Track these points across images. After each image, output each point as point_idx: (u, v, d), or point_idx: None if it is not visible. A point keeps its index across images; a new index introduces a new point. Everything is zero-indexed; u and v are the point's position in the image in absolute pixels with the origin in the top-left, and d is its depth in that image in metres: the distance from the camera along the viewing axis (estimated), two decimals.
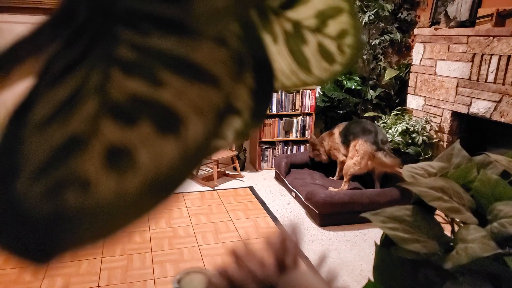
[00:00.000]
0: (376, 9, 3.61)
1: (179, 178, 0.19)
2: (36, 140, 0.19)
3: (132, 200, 0.19)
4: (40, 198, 0.18)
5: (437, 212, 1.01)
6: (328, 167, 3.51)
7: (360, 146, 3.02)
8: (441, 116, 3.29)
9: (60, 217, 0.18)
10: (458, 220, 0.90)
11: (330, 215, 2.79)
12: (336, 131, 3.32)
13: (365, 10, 3.65)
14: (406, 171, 1.06)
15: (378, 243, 1.01)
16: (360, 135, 3.06)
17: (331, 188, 3.13)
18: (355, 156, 3.04)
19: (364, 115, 3.79)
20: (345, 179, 3.09)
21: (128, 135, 0.19)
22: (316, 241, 2.64)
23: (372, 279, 0.97)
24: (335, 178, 3.39)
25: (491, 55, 2.79)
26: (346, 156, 3.23)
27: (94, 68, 0.20)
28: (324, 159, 3.43)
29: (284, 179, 3.41)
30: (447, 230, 0.97)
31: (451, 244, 0.89)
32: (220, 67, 0.20)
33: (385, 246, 0.96)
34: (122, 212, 0.19)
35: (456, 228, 0.95)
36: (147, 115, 0.19)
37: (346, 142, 3.20)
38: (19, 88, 0.21)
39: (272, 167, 3.92)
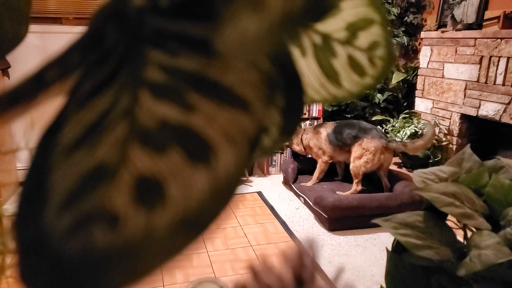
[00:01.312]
0: None
1: (210, 214, 0.18)
2: (64, 165, 0.18)
3: (162, 239, 0.17)
4: (68, 232, 0.17)
5: (449, 217, 1.01)
6: (334, 170, 3.49)
7: (368, 144, 3.01)
8: (450, 119, 3.27)
9: (89, 256, 0.17)
10: (470, 226, 0.90)
11: (339, 219, 2.78)
12: (323, 131, 3.28)
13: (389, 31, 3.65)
14: (417, 176, 1.06)
15: (389, 248, 1.01)
16: (362, 135, 3.06)
17: (339, 192, 3.12)
18: (364, 155, 3.03)
19: (372, 119, 3.77)
20: (356, 180, 3.08)
21: (157, 163, 0.18)
22: (326, 246, 2.63)
23: (384, 285, 0.97)
24: (313, 181, 3.37)
25: (499, 57, 2.77)
26: (330, 157, 3.26)
27: (122, 90, 0.19)
28: (298, 150, 3.46)
29: (292, 185, 3.41)
30: (460, 236, 0.97)
31: (464, 250, 0.89)
32: (251, 91, 0.19)
33: (397, 252, 0.96)
34: (151, 252, 0.17)
35: (469, 234, 0.94)
36: (177, 141, 0.18)
37: (339, 145, 3.17)
38: (48, 111, 0.21)
39: (280, 172, 3.92)
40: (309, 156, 3.52)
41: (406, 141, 3.04)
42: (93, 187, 0.18)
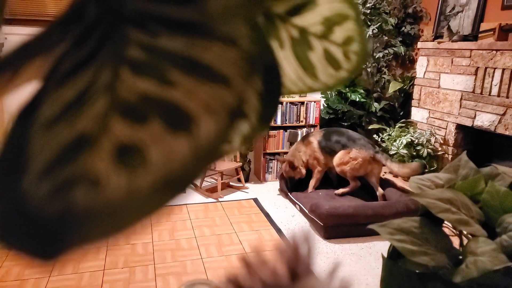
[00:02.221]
0: (379, 23, 3.65)
1: (191, 175, 0.19)
2: (43, 138, 0.19)
3: (144, 197, 0.19)
4: (48, 196, 0.18)
5: (445, 224, 1.00)
6: (329, 178, 3.49)
7: (357, 154, 3.07)
8: (446, 128, 3.28)
9: (69, 214, 0.18)
10: (466, 232, 0.89)
11: (335, 227, 2.77)
12: (314, 139, 3.28)
13: (369, 23, 3.69)
14: (413, 182, 1.05)
15: (385, 255, 1.00)
16: (351, 144, 3.11)
17: (338, 191, 3.18)
18: (350, 163, 3.08)
19: (369, 127, 3.79)
20: (350, 180, 3.16)
21: (138, 133, 0.19)
22: (321, 254, 2.61)
23: None
24: (310, 190, 3.36)
25: (494, 68, 2.80)
26: (325, 165, 3.27)
27: (103, 67, 0.20)
28: (303, 173, 3.31)
29: (288, 193, 3.39)
30: (455, 243, 0.96)
31: (460, 257, 0.88)
32: (231, 67, 0.20)
33: (393, 259, 0.95)
34: (133, 209, 0.19)
35: (465, 241, 0.94)
36: (158, 113, 0.19)
37: (329, 152, 3.21)
38: (26, 90, 0.21)
39: (276, 178, 3.91)
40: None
41: (393, 162, 3.08)
42: (73, 156, 0.19)
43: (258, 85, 0.23)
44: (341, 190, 3.18)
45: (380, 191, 3.15)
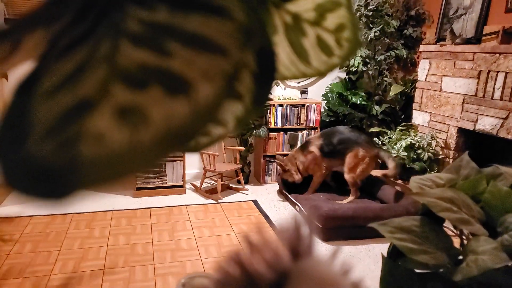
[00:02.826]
0: (381, 26, 3.65)
1: (192, 131, 0.21)
2: (44, 105, 0.20)
3: (145, 149, 0.20)
4: (51, 152, 0.20)
5: (445, 224, 0.99)
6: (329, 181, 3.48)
7: (363, 153, 3.06)
8: (447, 132, 3.28)
9: (75, 164, 0.20)
10: (467, 232, 0.88)
11: (334, 229, 2.75)
12: (314, 147, 3.24)
13: (371, 26, 3.70)
14: (414, 182, 1.05)
15: (385, 256, 0.99)
16: (355, 144, 3.09)
17: (339, 202, 3.12)
18: (360, 165, 3.05)
19: (370, 130, 3.78)
20: (354, 188, 3.13)
21: (139, 97, 0.20)
22: (320, 256, 2.60)
23: None
24: (309, 193, 3.32)
25: (497, 72, 2.79)
26: (327, 168, 3.23)
27: (102, 40, 0.21)
28: (298, 178, 3.30)
29: (287, 194, 3.38)
30: (456, 243, 0.95)
31: (460, 257, 0.87)
32: (228, 38, 0.21)
33: (392, 258, 0.94)
34: (136, 159, 0.20)
35: (466, 241, 0.93)
36: (157, 80, 0.20)
37: (333, 155, 3.17)
38: (26, 65, 0.22)
39: (276, 181, 3.90)
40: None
41: (393, 161, 3.06)
42: (76, 118, 0.20)
43: (252, 65, 0.24)
44: (345, 201, 3.15)
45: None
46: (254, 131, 3.64)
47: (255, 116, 0.27)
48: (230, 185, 3.80)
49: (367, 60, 3.76)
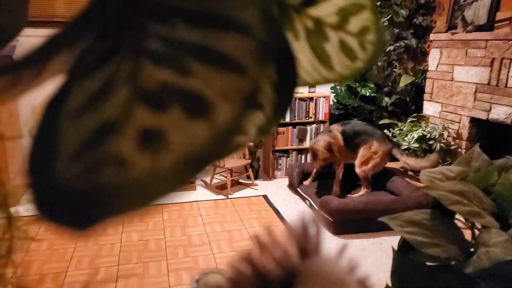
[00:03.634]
0: (390, 15, 3.59)
1: (211, 156, 0.21)
2: (71, 126, 0.20)
3: (166, 175, 0.20)
4: (78, 176, 0.20)
5: (456, 217, 0.98)
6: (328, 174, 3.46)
7: (378, 147, 3.01)
8: (459, 122, 3.22)
9: (99, 191, 0.20)
10: (478, 224, 0.87)
11: (345, 223, 2.75)
12: (337, 134, 3.07)
13: (379, 16, 3.64)
14: (424, 175, 1.04)
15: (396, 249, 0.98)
16: (370, 137, 3.03)
17: (350, 196, 3.11)
18: (373, 159, 3.02)
19: (380, 123, 3.74)
20: (366, 182, 3.09)
21: (160, 119, 0.20)
22: (331, 250, 2.60)
23: (390, 285, 0.95)
24: (336, 193, 3.18)
25: (511, 59, 2.72)
26: (344, 160, 3.13)
27: (125, 59, 0.21)
28: (320, 166, 3.11)
29: (297, 188, 3.38)
30: (467, 235, 0.94)
31: (472, 249, 0.86)
32: (246, 55, 0.21)
33: (403, 252, 0.94)
34: (157, 185, 0.20)
35: (477, 233, 0.92)
36: (177, 101, 0.21)
37: (351, 147, 3.09)
38: (53, 83, 0.23)
39: (285, 175, 3.90)
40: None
41: (409, 156, 3.02)
42: (100, 141, 0.20)
43: (273, 75, 0.24)
44: (356, 195, 3.12)
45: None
46: None
47: (277, 125, 0.27)
48: (240, 180, 3.82)
49: None
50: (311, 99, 3.82)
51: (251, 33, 0.21)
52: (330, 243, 2.67)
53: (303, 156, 3.96)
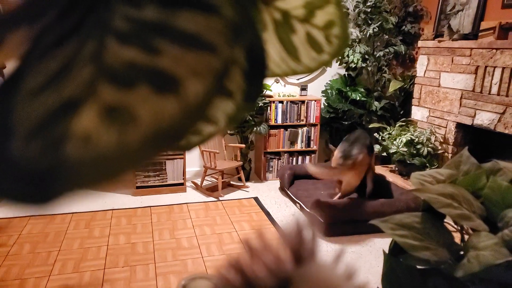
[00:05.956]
0: (380, 22, 3.65)
1: (182, 130, 0.21)
2: (28, 106, 0.20)
3: (134, 150, 0.20)
4: (37, 154, 0.19)
5: (446, 220, 1.00)
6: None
7: (364, 159, 2.94)
8: (446, 127, 3.29)
9: (61, 166, 0.19)
10: (468, 227, 0.89)
11: (335, 225, 2.77)
12: (360, 155, 2.91)
13: (370, 22, 3.69)
14: (414, 178, 1.05)
15: (386, 252, 0.99)
16: (356, 151, 2.88)
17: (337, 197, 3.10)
18: (358, 174, 2.91)
19: (369, 126, 3.79)
20: (342, 195, 3.00)
21: (126, 96, 0.20)
22: (321, 251, 2.61)
23: (380, 287, 0.95)
24: (337, 197, 3.12)
25: (494, 67, 2.80)
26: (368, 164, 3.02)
27: (88, 38, 0.20)
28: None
29: (288, 191, 3.39)
30: (457, 238, 0.96)
31: (462, 252, 0.88)
32: (216, 35, 0.21)
33: (394, 254, 0.95)
34: (124, 160, 0.20)
35: (466, 236, 0.94)
36: (145, 79, 0.20)
37: (347, 162, 2.91)
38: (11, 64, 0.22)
39: (277, 177, 3.90)
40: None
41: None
42: (61, 119, 0.20)
43: (243, 62, 0.24)
44: (337, 196, 3.07)
45: (370, 187, 3.10)
46: (255, 128, 3.64)
47: (246, 113, 0.27)
48: (231, 182, 3.81)
49: (366, 57, 3.76)
50: (302, 102, 3.85)
51: (220, 13, 0.21)
52: (320, 246, 2.68)
53: (295, 158, 3.97)
